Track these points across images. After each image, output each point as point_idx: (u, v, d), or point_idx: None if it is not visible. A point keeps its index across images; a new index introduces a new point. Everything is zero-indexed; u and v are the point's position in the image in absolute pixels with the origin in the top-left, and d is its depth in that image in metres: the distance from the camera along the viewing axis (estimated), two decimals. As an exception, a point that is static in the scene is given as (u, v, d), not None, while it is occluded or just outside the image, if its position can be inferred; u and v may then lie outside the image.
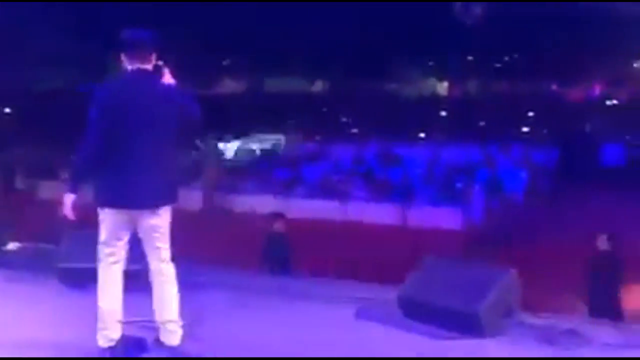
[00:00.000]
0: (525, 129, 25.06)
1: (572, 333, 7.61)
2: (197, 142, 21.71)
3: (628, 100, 28.21)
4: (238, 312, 7.82)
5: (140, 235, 5.34)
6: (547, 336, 7.51)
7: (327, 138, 24.27)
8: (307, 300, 8.65)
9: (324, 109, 27.25)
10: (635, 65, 30.09)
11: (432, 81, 32.38)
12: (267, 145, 26.95)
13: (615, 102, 28.14)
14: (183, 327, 5.71)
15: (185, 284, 6.07)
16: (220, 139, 24.62)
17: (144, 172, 5.03)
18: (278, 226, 12.58)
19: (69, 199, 5.08)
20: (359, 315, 8.15)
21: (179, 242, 5.81)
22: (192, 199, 18.64)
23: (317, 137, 24.40)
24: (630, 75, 29.85)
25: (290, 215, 14.44)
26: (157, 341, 5.64)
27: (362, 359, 6.08)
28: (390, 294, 8.22)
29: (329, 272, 12.46)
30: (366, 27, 26.40)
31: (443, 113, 28.32)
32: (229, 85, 33.83)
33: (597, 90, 30.01)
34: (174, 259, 5.65)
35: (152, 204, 5.15)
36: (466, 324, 7.44)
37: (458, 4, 15.64)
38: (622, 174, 20.02)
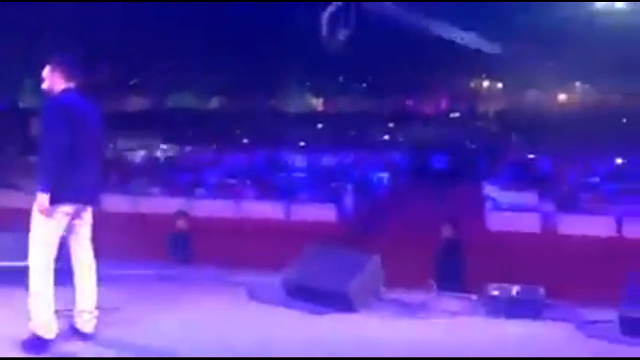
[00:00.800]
0: (386, 137, 25.73)
1: (423, 304, 7.97)
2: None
3: (468, 112, 29.45)
4: (144, 300, 7.74)
5: (75, 230, 5.38)
6: (404, 308, 7.84)
7: (223, 147, 24.14)
8: (204, 286, 8.66)
9: (220, 123, 27.11)
10: (471, 84, 31.42)
11: (310, 98, 32.75)
12: (170, 154, 26.51)
13: (457, 114, 29.29)
14: (97, 316, 5.65)
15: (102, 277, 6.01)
16: (132, 149, 24.14)
17: (91, 173, 5.22)
18: (181, 223, 12.47)
19: (45, 198, 5.01)
20: (250, 296, 8.25)
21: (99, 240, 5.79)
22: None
23: (214, 146, 24.20)
24: (468, 93, 31.17)
25: (192, 213, 14.35)
26: (73, 328, 5.57)
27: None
28: (276, 278, 8.36)
29: (227, 262, 12.44)
30: (254, 53, 26.43)
31: (320, 125, 28.74)
32: (137, 102, 33.16)
33: (444, 104, 31.08)
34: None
35: (97, 201, 5.44)
36: (339, 302, 7.66)
37: (325, 33, 15.67)
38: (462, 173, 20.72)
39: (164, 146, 24.48)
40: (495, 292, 7.73)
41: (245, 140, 25.01)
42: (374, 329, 7.13)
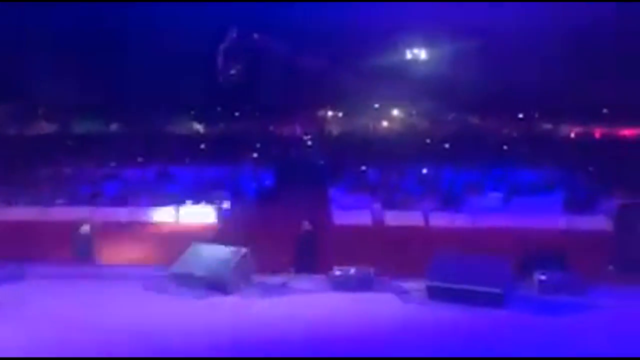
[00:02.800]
0: (255, 155, 25.68)
1: (284, 285, 8.03)
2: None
3: (317, 135, 29.97)
4: (53, 293, 7.19)
5: None
6: (267, 289, 7.86)
7: (121, 164, 22.91)
8: (105, 280, 8.17)
9: (119, 143, 25.75)
10: (319, 113, 32.09)
11: (194, 124, 32.06)
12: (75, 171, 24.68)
13: (309, 136, 29.76)
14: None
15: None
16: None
17: None
18: (85, 228, 11.68)
19: None
20: (145, 287, 7.88)
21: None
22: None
23: (113, 164, 22.89)
24: (318, 120, 31.82)
25: (95, 220, 13.49)
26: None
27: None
28: (166, 272, 8.06)
29: (125, 259, 11.79)
30: (145, 86, 25.41)
31: (202, 145, 28.17)
32: (45, 127, 30.78)
33: (298, 129, 31.41)
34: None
35: None
36: (217, 287, 7.53)
37: (220, 69, 15.03)
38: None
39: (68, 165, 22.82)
40: (338, 273, 7.95)
41: (139, 159, 23.86)
42: (243, 307, 7.11)
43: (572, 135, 28.11)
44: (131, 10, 22.42)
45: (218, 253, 7.97)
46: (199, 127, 31.65)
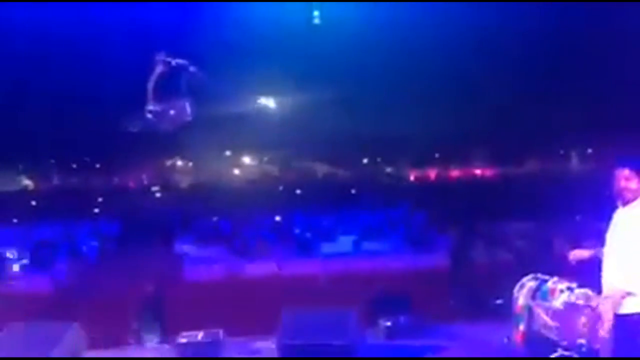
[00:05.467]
0: (96, 210, 23.98)
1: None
2: None
3: (165, 185, 29.00)
4: None
5: None
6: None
7: None
8: None
9: None
10: (167, 163, 31.19)
11: (23, 179, 29.16)
12: None
13: (157, 188, 28.66)
14: None
15: None
16: None
17: None
18: None
19: None
20: None
21: None
22: None
23: None
24: (165, 170, 30.87)
25: None
26: None
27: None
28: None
29: None
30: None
31: (33, 202, 25.63)
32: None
33: (146, 180, 30.17)
34: None
35: None
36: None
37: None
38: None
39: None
40: (184, 340, 7.54)
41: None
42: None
43: (412, 177, 30.54)
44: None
45: (42, 331, 7.11)
46: (27, 182, 28.84)
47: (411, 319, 8.13)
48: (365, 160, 30.96)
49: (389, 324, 7.84)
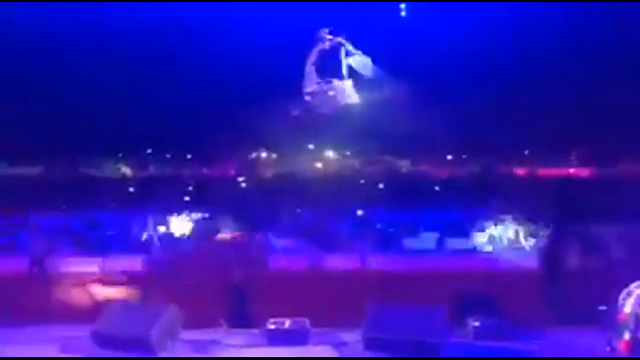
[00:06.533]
0: (187, 198, 25.09)
1: (214, 342, 7.70)
2: None
3: (251, 177, 29.74)
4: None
5: None
6: (197, 347, 7.50)
7: (41, 211, 21.65)
8: (20, 343, 7.58)
9: (38, 189, 24.36)
10: (253, 156, 31.92)
11: (122, 167, 30.92)
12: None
13: (242, 178, 29.41)
14: None
15: None
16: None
17: None
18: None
19: None
20: (63, 350, 7.34)
21: None
22: None
23: (32, 211, 21.59)
24: (251, 163, 31.61)
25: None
26: None
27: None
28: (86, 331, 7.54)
29: (42, 317, 10.93)
30: (73, 128, 24.45)
31: (131, 189, 27.22)
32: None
33: (232, 171, 31.04)
34: None
35: None
36: (142, 348, 7.10)
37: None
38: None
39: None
40: (272, 326, 7.73)
41: (63, 207, 22.71)
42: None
43: (499, 176, 29.38)
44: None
45: (142, 311, 7.55)
46: (126, 170, 30.63)
47: (501, 321, 7.85)
48: (449, 157, 30.23)
49: (477, 324, 7.61)
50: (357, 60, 6.64)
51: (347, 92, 6.73)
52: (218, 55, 21.30)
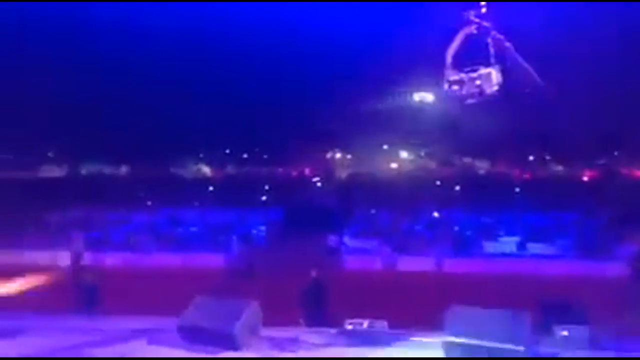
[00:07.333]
0: (263, 197, 25.62)
1: (293, 340, 7.74)
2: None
3: (326, 177, 30.01)
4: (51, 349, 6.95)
5: None
6: (278, 344, 7.57)
7: (129, 208, 22.88)
8: (110, 335, 7.93)
9: (127, 187, 25.77)
10: (327, 156, 32.14)
11: (202, 166, 32.14)
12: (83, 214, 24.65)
13: (317, 178, 29.75)
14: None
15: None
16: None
17: None
18: (89, 276, 11.47)
19: None
20: (150, 341, 7.63)
21: None
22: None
23: (122, 208, 22.86)
24: (325, 162, 31.86)
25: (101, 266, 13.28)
26: None
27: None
28: (172, 324, 7.80)
29: (131, 309, 11.50)
30: (157, 129, 25.68)
31: (210, 188, 28.17)
32: (54, 170, 30.95)
33: (307, 171, 31.46)
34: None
35: None
36: (225, 342, 7.26)
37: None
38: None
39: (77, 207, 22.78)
40: (350, 327, 7.68)
41: (149, 203, 23.83)
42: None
43: (585, 178, 27.86)
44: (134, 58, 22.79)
45: (225, 305, 7.71)
46: (206, 169, 31.77)
47: (591, 330, 7.38)
48: (531, 158, 29.00)
49: (565, 333, 7.20)
50: (501, 46, 5.93)
51: (494, 80, 5.93)
52: (296, 58, 21.66)
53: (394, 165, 32.44)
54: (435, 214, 21.47)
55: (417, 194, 23.93)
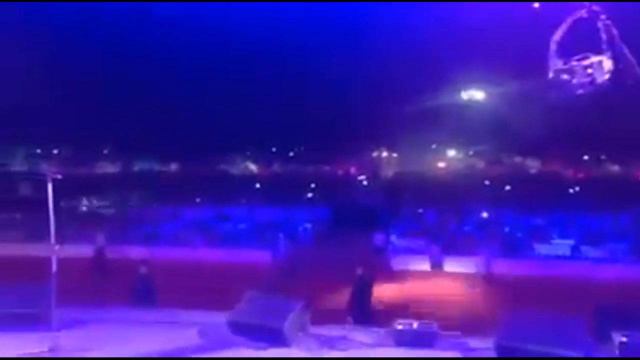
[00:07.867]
0: (309, 195, 25.71)
1: (342, 338, 7.75)
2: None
3: (372, 176, 29.85)
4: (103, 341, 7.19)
5: None
6: (326, 341, 7.59)
7: (179, 204, 23.42)
8: (162, 327, 8.12)
9: (176, 184, 26.39)
10: (373, 154, 31.96)
11: (249, 164, 32.51)
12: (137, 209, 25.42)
13: (363, 177, 29.63)
14: None
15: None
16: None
17: None
18: (144, 269, 11.73)
19: None
20: (201, 334, 7.79)
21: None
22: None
23: (172, 204, 23.44)
24: (371, 161, 31.71)
25: (153, 260, 13.58)
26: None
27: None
28: (222, 318, 7.93)
29: (184, 302, 11.74)
30: (205, 127, 26.15)
31: (257, 185, 28.50)
32: (108, 167, 32.05)
33: (353, 169, 31.40)
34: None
35: None
36: (275, 338, 7.34)
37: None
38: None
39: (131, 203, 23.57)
40: (400, 327, 7.62)
41: (197, 200, 24.34)
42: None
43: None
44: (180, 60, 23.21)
45: (274, 302, 7.79)
46: (253, 167, 32.16)
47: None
48: (585, 157, 27.95)
49: (624, 339, 6.91)
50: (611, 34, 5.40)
51: (605, 68, 5.43)
52: (343, 56, 21.65)
53: (441, 164, 31.94)
54: (484, 214, 21.02)
55: (466, 194, 23.51)
